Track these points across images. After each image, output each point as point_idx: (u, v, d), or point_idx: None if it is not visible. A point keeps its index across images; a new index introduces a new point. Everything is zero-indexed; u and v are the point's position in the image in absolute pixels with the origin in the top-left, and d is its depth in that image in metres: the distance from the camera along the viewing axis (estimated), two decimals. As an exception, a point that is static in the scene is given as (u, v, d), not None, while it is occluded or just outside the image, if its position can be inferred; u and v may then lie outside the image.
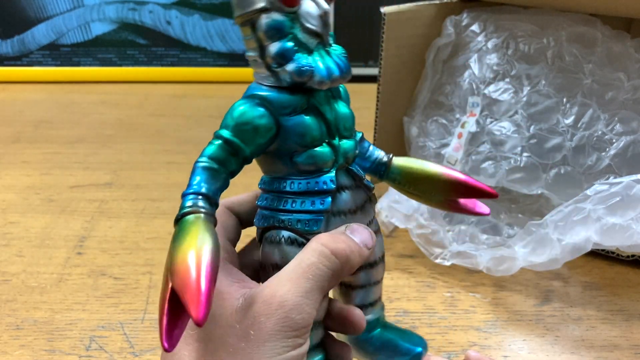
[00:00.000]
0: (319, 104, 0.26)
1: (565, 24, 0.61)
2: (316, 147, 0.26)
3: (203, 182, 0.25)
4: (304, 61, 0.25)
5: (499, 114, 0.59)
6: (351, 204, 0.27)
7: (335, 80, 0.25)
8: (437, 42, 0.65)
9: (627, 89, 0.58)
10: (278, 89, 0.26)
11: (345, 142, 0.27)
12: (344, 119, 0.27)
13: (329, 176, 0.26)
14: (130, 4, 1.06)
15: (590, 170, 0.56)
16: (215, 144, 0.26)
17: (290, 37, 0.25)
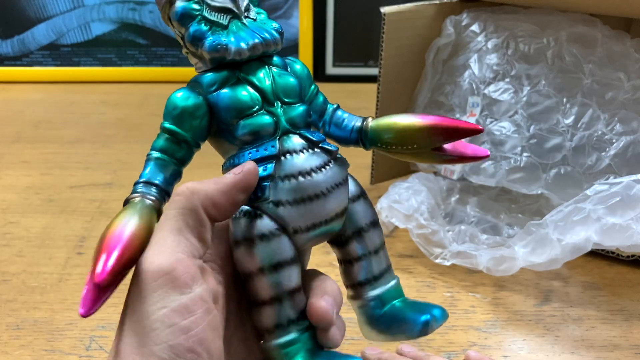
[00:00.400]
0: (248, 75, 0.27)
1: (565, 24, 0.61)
2: (252, 116, 0.27)
3: (151, 172, 0.26)
4: (214, 38, 0.26)
5: (499, 114, 0.59)
6: (304, 166, 0.27)
7: (255, 47, 0.26)
8: (437, 42, 0.65)
9: (627, 89, 0.58)
10: (207, 71, 0.27)
11: (289, 108, 0.28)
12: (284, 86, 0.28)
13: (271, 142, 0.27)
14: (130, 4, 1.06)
15: (590, 170, 0.56)
16: (160, 136, 0.27)
17: (199, 18, 0.26)
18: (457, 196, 0.64)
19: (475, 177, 0.59)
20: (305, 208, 0.27)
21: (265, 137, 0.27)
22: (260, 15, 0.28)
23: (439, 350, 0.47)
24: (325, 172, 0.27)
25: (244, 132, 0.27)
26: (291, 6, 1.07)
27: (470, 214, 0.62)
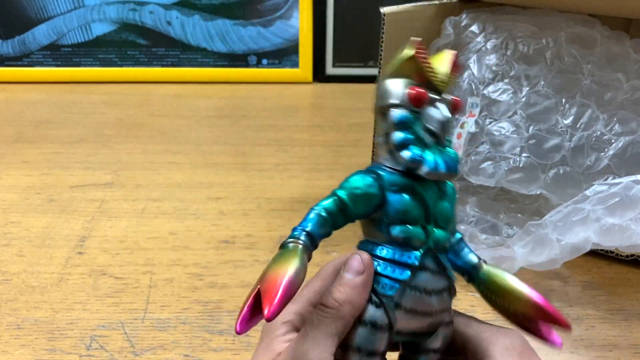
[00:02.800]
0: (424, 192, 0.30)
1: (564, 25, 0.61)
2: (410, 225, 0.30)
3: (311, 223, 0.30)
4: (417, 151, 0.29)
5: (498, 115, 0.60)
6: (429, 285, 0.30)
7: (441, 174, 0.30)
8: (437, 43, 0.65)
9: (626, 90, 0.58)
10: (393, 170, 0.30)
11: (438, 231, 0.31)
12: (443, 212, 0.31)
13: (415, 253, 0.30)
14: (130, 5, 1.06)
15: (589, 170, 0.56)
16: (331, 198, 0.30)
17: (412, 131, 0.30)
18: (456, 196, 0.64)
19: (474, 178, 0.59)
20: (414, 319, 0.30)
21: (412, 247, 0.30)
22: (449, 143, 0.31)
23: (439, 349, 0.47)
24: (440, 296, 0.31)
25: (400, 235, 0.30)
26: (291, 6, 1.07)
27: (469, 214, 0.62)
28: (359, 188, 0.30)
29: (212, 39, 1.09)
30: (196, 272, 0.55)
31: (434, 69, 0.30)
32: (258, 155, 0.81)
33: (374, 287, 0.30)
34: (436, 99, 0.30)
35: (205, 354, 0.46)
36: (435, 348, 0.32)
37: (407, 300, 0.30)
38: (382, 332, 0.30)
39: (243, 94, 1.05)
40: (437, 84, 0.30)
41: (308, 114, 0.99)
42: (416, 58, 0.30)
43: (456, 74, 0.32)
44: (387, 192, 0.30)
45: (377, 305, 0.30)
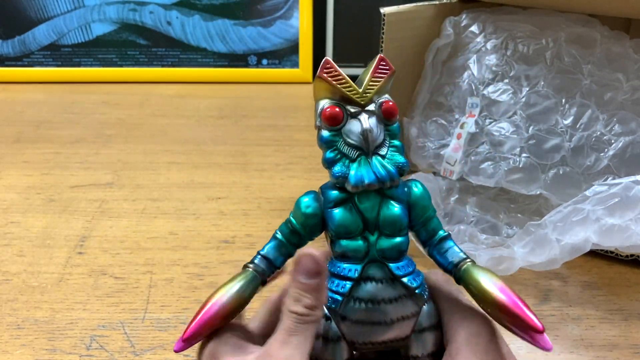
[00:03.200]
0: (360, 203, 0.30)
1: (564, 25, 0.61)
2: (350, 239, 0.30)
3: (268, 247, 0.32)
4: (339, 169, 0.30)
5: (498, 115, 0.60)
6: (378, 295, 0.30)
7: (368, 185, 0.29)
8: (437, 43, 0.65)
9: (625, 90, 0.58)
10: (334, 187, 0.31)
11: (383, 240, 0.31)
12: (387, 220, 0.31)
13: (355, 266, 0.30)
14: (130, 5, 1.06)
15: (589, 170, 0.56)
16: (285, 224, 0.32)
17: (334, 148, 0.31)
18: (456, 196, 0.64)
19: (474, 178, 0.59)
20: (364, 329, 0.30)
21: (354, 259, 0.30)
22: (393, 149, 0.31)
23: (438, 349, 0.47)
24: (395, 304, 0.30)
25: (339, 250, 0.31)
26: (291, 6, 1.07)
27: (469, 214, 0.62)
28: (300, 209, 0.31)
29: (212, 39, 1.09)
30: (196, 272, 0.56)
31: (347, 83, 0.31)
32: (258, 155, 0.81)
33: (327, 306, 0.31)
34: (357, 112, 0.31)
35: (205, 354, 0.46)
36: (420, 355, 0.31)
37: (350, 311, 0.30)
38: (334, 344, 0.30)
39: (243, 94, 1.05)
40: (354, 97, 0.31)
41: (308, 114, 0.99)
42: (322, 78, 0.31)
43: (379, 79, 0.31)
44: (325, 210, 0.31)
45: (326, 318, 0.31)
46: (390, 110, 0.31)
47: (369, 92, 0.31)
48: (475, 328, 0.30)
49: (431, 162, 0.63)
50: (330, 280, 0.31)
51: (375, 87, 0.31)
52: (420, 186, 0.32)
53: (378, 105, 0.31)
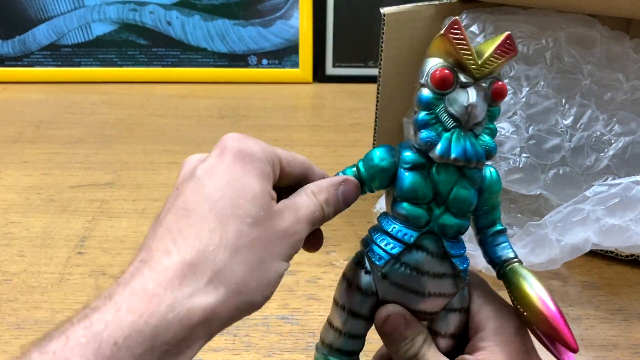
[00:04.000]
0: (437, 174, 0.30)
1: (564, 25, 0.61)
2: (416, 205, 0.30)
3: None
4: (428, 134, 0.29)
5: (498, 115, 0.60)
6: (424, 266, 0.30)
7: (455, 160, 0.29)
8: (437, 43, 0.65)
9: (625, 90, 0.58)
10: (413, 149, 0.31)
11: (448, 216, 0.30)
12: (458, 198, 0.30)
13: (413, 232, 0.30)
14: (130, 5, 1.06)
15: (589, 170, 0.56)
16: (353, 167, 0.32)
17: (432, 112, 0.29)
18: (456, 196, 0.64)
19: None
20: (401, 293, 0.31)
21: (413, 226, 0.30)
22: (487, 132, 0.30)
23: (438, 349, 0.47)
24: (437, 279, 0.30)
25: (401, 212, 0.30)
26: (291, 6, 1.07)
27: (469, 214, 0.62)
28: (373, 160, 0.31)
29: (212, 39, 1.09)
30: (196, 272, 0.55)
31: (469, 51, 0.29)
32: (258, 155, 0.81)
33: (368, 255, 0.31)
34: (468, 83, 0.29)
35: (205, 354, 0.46)
36: (442, 332, 0.32)
37: (394, 273, 0.30)
38: (366, 297, 0.31)
39: (243, 94, 1.05)
40: (471, 66, 0.29)
41: (308, 114, 0.99)
42: (446, 37, 0.28)
43: (501, 57, 0.29)
44: (400, 169, 0.30)
45: (366, 271, 0.31)
46: (501, 92, 0.30)
47: (488, 66, 0.29)
48: (502, 321, 0.30)
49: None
50: (381, 237, 0.31)
51: (495, 63, 0.29)
52: (496, 174, 0.32)
53: (489, 82, 0.30)
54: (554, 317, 0.28)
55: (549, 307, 0.29)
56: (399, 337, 0.31)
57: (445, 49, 0.29)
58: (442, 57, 0.29)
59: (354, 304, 0.31)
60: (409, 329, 0.31)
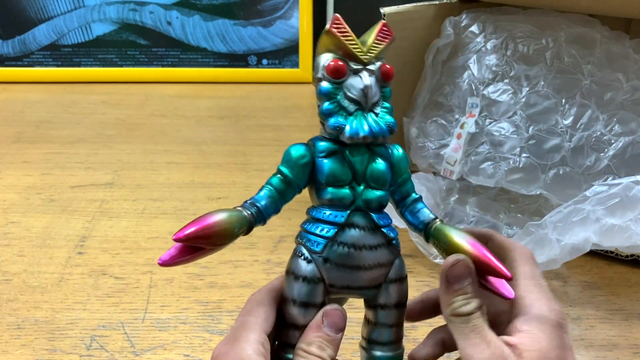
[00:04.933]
0: (351, 155, 0.33)
1: (564, 25, 0.61)
2: (338, 187, 0.32)
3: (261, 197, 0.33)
4: (335, 120, 0.32)
5: (498, 115, 0.60)
6: (359, 241, 0.32)
7: (364, 137, 0.32)
8: (437, 43, 0.65)
9: (625, 90, 0.58)
10: (325, 139, 0.33)
11: (370, 192, 0.33)
12: (375, 174, 0.33)
13: (342, 212, 0.32)
14: (130, 5, 1.06)
15: (589, 170, 0.56)
16: (276, 175, 0.33)
17: (334, 100, 0.32)
18: (456, 196, 0.64)
19: (474, 178, 0.59)
20: (344, 272, 0.32)
21: (341, 207, 0.33)
22: (385, 110, 0.33)
23: (438, 349, 0.47)
24: (374, 251, 0.33)
25: (327, 197, 0.32)
26: (291, 6, 1.07)
27: (469, 214, 0.62)
28: (294, 159, 0.33)
29: (212, 39, 1.09)
30: (196, 272, 0.56)
31: (354, 41, 0.32)
32: (258, 155, 0.81)
33: (305, 244, 0.33)
34: (359, 69, 0.32)
35: (205, 354, 0.46)
36: (385, 303, 0.34)
37: (334, 254, 0.32)
38: (314, 285, 0.32)
39: (243, 94, 1.05)
40: (359, 54, 0.32)
41: (308, 114, 0.99)
42: (331, 32, 0.32)
43: (382, 42, 0.33)
44: (317, 159, 0.33)
45: (308, 261, 0.32)
46: (389, 73, 0.33)
47: (373, 51, 0.33)
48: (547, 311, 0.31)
49: (431, 162, 0.63)
50: (314, 225, 0.33)
51: (378, 48, 0.33)
52: (401, 150, 0.35)
53: (377, 66, 0.33)
54: (483, 254, 0.32)
55: (478, 247, 0.32)
56: (459, 289, 0.31)
57: (334, 42, 0.32)
58: (332, 51, 0.33)
59: (305, 295, 0.32)
60: (472, 285, 0.31)
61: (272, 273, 0.55)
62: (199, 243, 0.30)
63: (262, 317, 0.32)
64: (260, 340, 0.31)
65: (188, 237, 0.29)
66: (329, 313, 0.32)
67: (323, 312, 0.32)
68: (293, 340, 0.32)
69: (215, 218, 0.30)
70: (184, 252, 0.30)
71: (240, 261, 0.57)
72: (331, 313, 0.32)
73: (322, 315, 0.32)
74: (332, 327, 0.32)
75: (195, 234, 0.29)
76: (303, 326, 0.32)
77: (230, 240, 0.31)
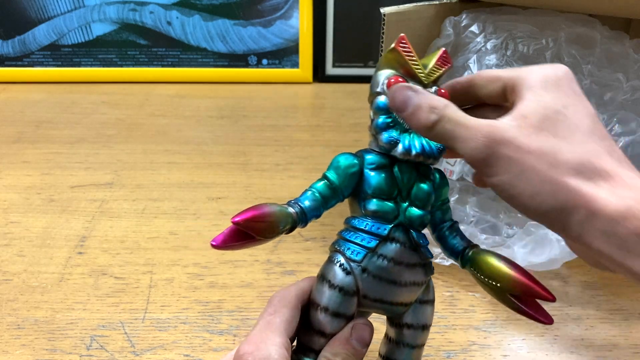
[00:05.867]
0: (400, 172, 0.33)
1: (564, 25, 0.61)
2: (384, 200, 0.33)
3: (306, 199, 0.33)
4: (393, 134, 0.33)
5: (499, 115, 0.60)
6: (398, 256, 0.33)
7: (416, 155, 0.32)
8: (437, 43, 0.65)
9: (625, 90, 0.58)
10: (375, 152, 0.34)
11: (413, 210, 0.34)
12: (419, 193, 0.34)
13: (386, 225, 0.33)
14: (130, 5, 1.06)
15: (589, 170, 0.56)
16: (322, 181, 0.34)
17: (390, 115, 0.33)
18: (456, 196, 0.64)
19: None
20: (380, 285, 0.33)
21: (384, 220, 0.33)
22: None
23: (439, 349, 0.47)
24: (411, 269, 0.33)
25: (372, 208, 0.33)
26: (291, 6, 1.07)
27: (469, 214, 0.62)
28: (343, 167, 0.33)
29: (212, 39, 1.09)
30: (196, 272, 0.56)
31: (416, 61, 0.34)
32: (258, 155, 0.81)
33: (344, 252, 0.33)
34: None
35: (205, 354, 0.46)
36: (412, 323, 0.34)
37: (373, 266, 0.32)
38: (349, 297, 0.32)
39: (243, 94, 1.05)
40: (420, 75, 0.33)
41: (308, 114, 0.99)
42: (397, 50, 0.33)
43: (442, 67, 0.34)
44: (365, 170, 0.33)
45: (346, 272, 0.32)
46: (444, 96, 0.34)
47: (432, 74, 0.34)
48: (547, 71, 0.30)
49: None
50: (355, 234, 0.33)
51: (437, 72, 0.34)
52: (444, 175, 0.36)
53: (434, 90, 0.34)
54: (525, 275, 0.32)
55: (519, 268, 0.32)
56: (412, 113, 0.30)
57: (397, 60, 0.33)
58: (393, 68, 0.34)
59: (338, 305, 0.32)
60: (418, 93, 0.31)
61: (272, 273, 0.55)
62: (253, 230, 0.30)
63: (288, 319, 0.32)
64: (285, 344, 0.31)
65: (246, 221, 0.30)
66: (358, 327, 0.32)
67: (353, 325, 0.32)
68: (316, 346, 0.32)
69: (271, 209, 0.31)
70: (235, 237, 0.30)
71: (240, 261, 0.57)
72: (360, 327, 0.32)
73: (351, 328, 0.32)
74: (359, 341, 0.32)
75: (253, 219, 0.30)
76: (330, 334, 0.32)
77: (275, 235, 0.31)
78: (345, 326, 0.32)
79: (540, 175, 0.27)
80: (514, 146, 0.28)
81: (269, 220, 0.31)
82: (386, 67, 0.34)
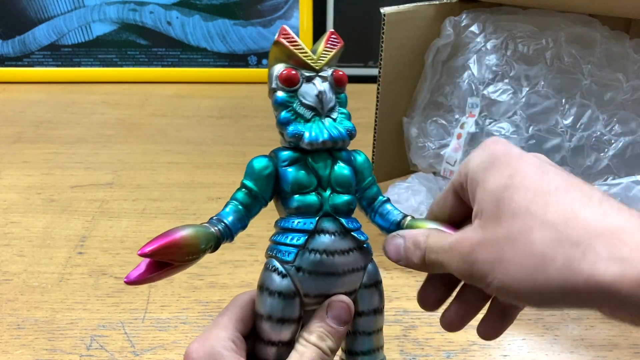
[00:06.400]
0: (313, 162, 0.33)
1: (564, 25, 0.61)
2: (305, 194, 0.32)
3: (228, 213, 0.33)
4: (294, 127, 0.32)
5: (498, 115, 0.60)
6: (331, 247, 0.32)
7: (323, 142, 0.32)
8: (437, 43, 0.65)
9: (625, 90, 0.58)
10: (286, 148, 0.33)
11: (336, 196, 0.33)
12: (339, 178, 0.33)
13: (310, 219, 0.32)
14: (130, 5, 1.06)
15: (589, 170, 0.56)
16: (241, 190, 0.34)
17: (290, 109, 0.32)
18: (456, 196, 0.64)
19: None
20: (318, 280, 0.32)
21: (309, 214, 0.32)
22: (342, 116, 0.34)
23: (439, 349, 0.47)
24: (346, 256, 0.32)
25: (294, 205, 0.32)
26: (291, 6, 1.07)
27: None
28: (257, 171, 0.33)
29: (212, 39, 1.09)
30: (196, 272, 0.56)
31: (303, 49, 0.33)
32: (258, 155, 0.81)
33: (276, 256, 0.32)
34: (312, 76, 0.33)
35: (206, 353, 0.46)
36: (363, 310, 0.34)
37: (306, 262, 0.32)
38: (290, 299, 0.31)
39: (243, 94, 1.05)
40: (309, 61, 0.33)
41: (308, 114, 0.99)
42: (281, 42, 0.32)
43: (332, 49, 0.34)
44: (280, 169, 0.33)
45: (282, 275, 0.32)
46: (341, 78, 0.35)
47: (323, 58, 0.33)
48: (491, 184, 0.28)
49: (431, 162, 0.63)
50: (284, 235, 0.32)
51: (328, 55, 0.34)
52: (363, 155, 0.35)
53: (330, 73, 0.34)
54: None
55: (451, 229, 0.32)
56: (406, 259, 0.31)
57: (284, 52, 0.32)
58: (283, 61, 0.33)
59: (280, 310, 0.31)
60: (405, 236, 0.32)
61: (272, 273, 0.55)
62: (166, 258, 0.29)
63: (237, 317, 0.32)
64: (231, 337, 0.30)
65: (153, 252, 0.28)
66: (333, 304, 0.31)
67: (327, 303, 0.31)
68: (269, 357, 0.32)
69: (182, 233, 0.29)
70: (153, 268, 0.29)
71: (240, 261, 0.57)
72: (335, 304, 0.31)
73: (326, 306, 0.31)
74: (335, 319, 0.31)
75: (161, 249, 0.28)
76: (279, 342, 0.32)
77: (197, 257, 0.30)
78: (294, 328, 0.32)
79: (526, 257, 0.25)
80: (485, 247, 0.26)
81: (183, 244, 0.29)
82: (276, 62, 0.33)
